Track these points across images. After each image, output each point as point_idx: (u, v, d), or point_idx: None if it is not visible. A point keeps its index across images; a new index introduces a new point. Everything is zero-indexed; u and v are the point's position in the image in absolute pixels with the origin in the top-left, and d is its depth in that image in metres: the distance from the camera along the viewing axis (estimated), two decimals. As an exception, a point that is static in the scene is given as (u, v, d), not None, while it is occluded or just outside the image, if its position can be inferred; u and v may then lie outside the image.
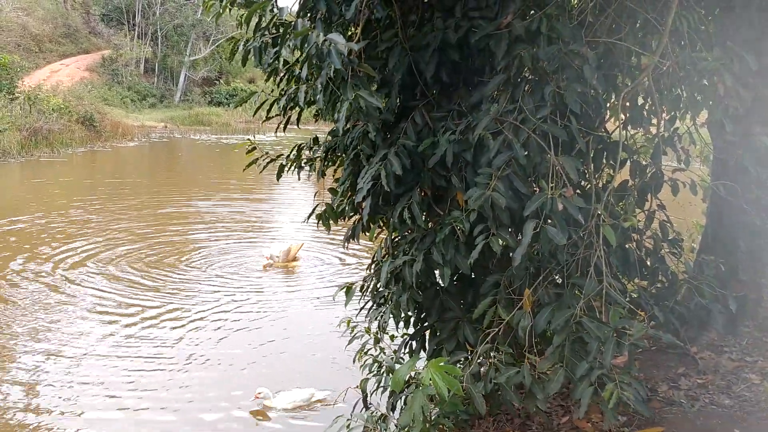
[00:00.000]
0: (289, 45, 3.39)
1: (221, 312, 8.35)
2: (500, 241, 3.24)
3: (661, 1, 3.70)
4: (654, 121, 3.88)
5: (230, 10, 4.06)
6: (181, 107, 38.55)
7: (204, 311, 8.34)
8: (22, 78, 26.35)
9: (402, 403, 3.71)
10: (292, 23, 3.59)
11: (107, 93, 34.44)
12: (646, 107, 3.98)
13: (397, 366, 3.93)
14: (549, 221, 3.09)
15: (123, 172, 21.17)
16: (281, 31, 3.69)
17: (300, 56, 3.58)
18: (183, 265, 10.27)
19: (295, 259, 10.51)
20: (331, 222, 4.38)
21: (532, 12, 3.43)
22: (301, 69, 3.58)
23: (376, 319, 4.25)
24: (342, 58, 3.13)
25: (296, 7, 3.98)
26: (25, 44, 34.83)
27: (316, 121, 4.47)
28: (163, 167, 23.30)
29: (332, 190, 4.38)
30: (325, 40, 3.15)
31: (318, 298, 9.05)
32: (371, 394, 4.33)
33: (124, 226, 12.58)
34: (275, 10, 3.72)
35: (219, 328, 7.83)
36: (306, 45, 3.27)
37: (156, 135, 31.10)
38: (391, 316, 4.02)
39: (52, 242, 11.16)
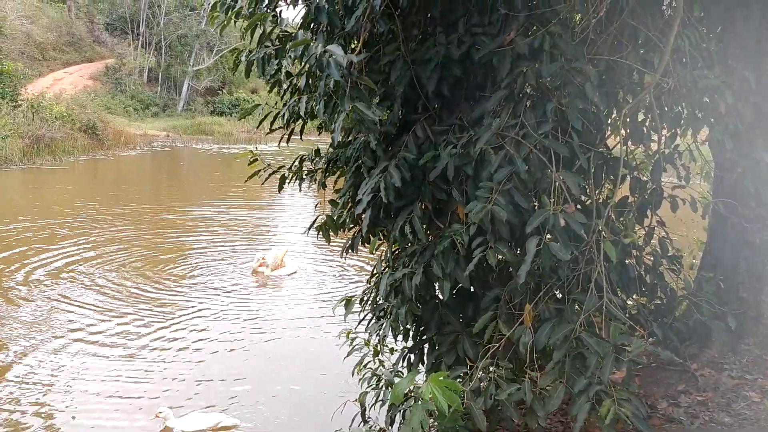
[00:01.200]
0: (290, 56, 3.41)
1: (212, 323, 8.27)
2: (497, 255, 3.23)
3: (663, 19, 3.73)
4: (654, 137, 3.89)
5: (235, 22, 4.09)
6: (184, 116, 38.66)
7: (193, 321, 8.27)
8: (26, 86, 26.44)
9: (401, 418, 3.69)
10: (294, 35, 3.62)
11: (110, 101, 34.55)
12: (647, 123, 4.00)
13: (397, 380, 3.92)
14: (549, 236, 3.09)
15: (124, 180, 21.20)
16: (283, 42, 3.71)
17: (300, 67, 3.60)
18: (175, 272, 10.24)
19: (281, 265, 10.43)
20: (331, 234, 4.38)
21: (535, 29, 3.45)
22: (299, 80, 3.60)
23: (375, 331, 4.24)
24: (341, 69, 3.14)
25: (299, 20, 4.01)
26: (29, 52, 34.95)
27: (320, 133, 4.49)
28: (164, 176, 23.34)
29: (332, 202, 4.39)
30: (324, 52, 3.16)
31: (313, 309, 9.01)
32: (370, 408, 4.32)
33: (118, 233, 12.55)
34: (278, 21, 3.75)
35: (208, 340, 7.76)
36: (306, 56, 3.29)
37: (158, 144, 31.17)
38: (390, 329, 4.01)
39: (42, 249, 11.11)
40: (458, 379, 3.51)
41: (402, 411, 3.65)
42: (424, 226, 3.70)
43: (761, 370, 4.23)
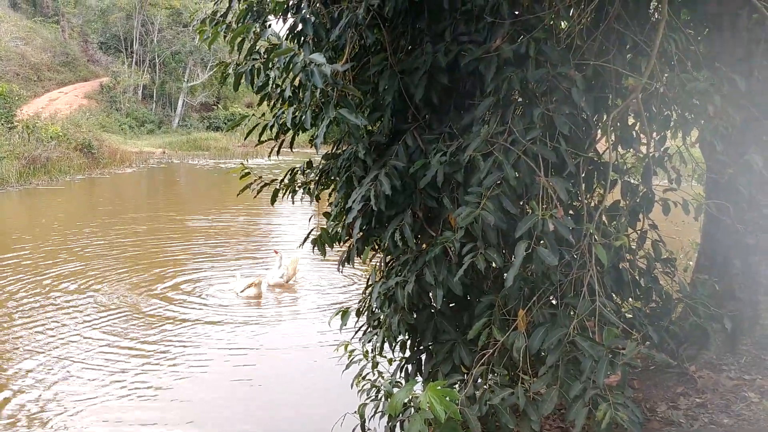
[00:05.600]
0: (278, 67, 3.42)
1: (208, 337, 8.24)
2: (486, 260, 3.22)
3: (648, 23, 3.75)
4: (644, 140, 3.90)
5: (224, 36, 4.10)
6: (179, 133, 38.74)
7: (189, 335, 8.25)
8: (21, 107, 26.49)
9: (400, 429, 3.67)
10: (278, 45, 3.62)
11: (105, 120, 34.65)
12: (636, 127, 4.01)
13: (395, 390, 3.90)
14: (541, 242, 3.09)
15: (120, 197, 21.18)
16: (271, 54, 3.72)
17: (284, 78, 3.61)
18: (170, 287, 10.22)
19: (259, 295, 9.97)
20: (326, 246, 4.37)
21: (521, 36, 3.47)
22: (284, 90, 3.60)
23: (370, 342, 4.23)
24: (325, 78, 3.15)
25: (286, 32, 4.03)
26: (24, 73, 35.10)
27: (311, 145, 4.49)
28: (160, 192, 23.32)
29: (326, 214, 4.39)
30: (309, 62, 3.17)
31: (310, 321, 8.98)
32: (369, 420, 4.29)
33: (111, 250, 12.53)
34: (261, 33, 3.75)
35: (206, 349, 7.75)
36: (291, 66, 3.30)
37: (154, 161, 31.17)
38: (384, 339, 4.00)
39: (38, 266, 11.09)
40: (455, 387, 3.49)
41: (401, 421, 3.63)
42: (417, 235, 3.69)
43: (759, 371, 4.22)
